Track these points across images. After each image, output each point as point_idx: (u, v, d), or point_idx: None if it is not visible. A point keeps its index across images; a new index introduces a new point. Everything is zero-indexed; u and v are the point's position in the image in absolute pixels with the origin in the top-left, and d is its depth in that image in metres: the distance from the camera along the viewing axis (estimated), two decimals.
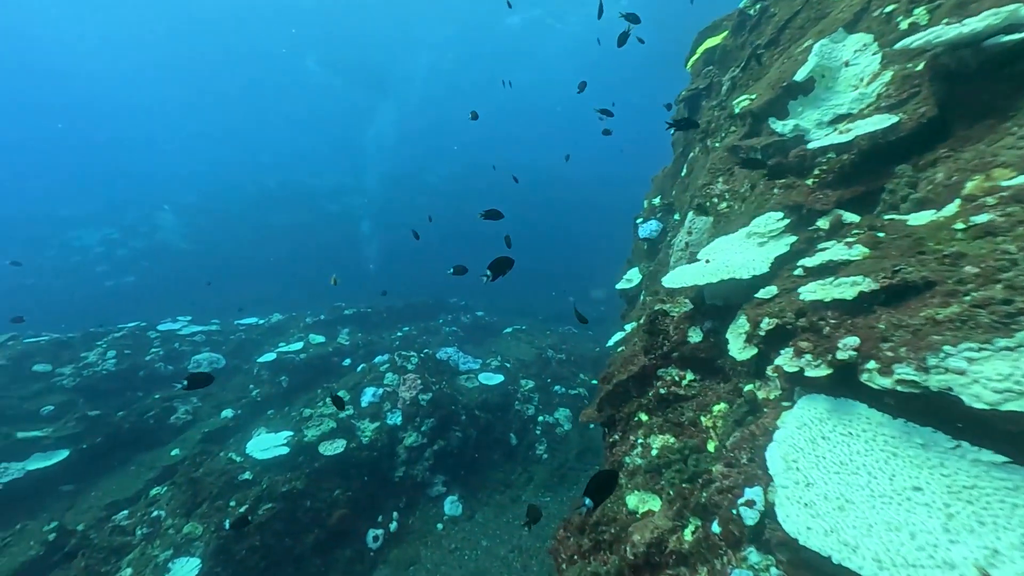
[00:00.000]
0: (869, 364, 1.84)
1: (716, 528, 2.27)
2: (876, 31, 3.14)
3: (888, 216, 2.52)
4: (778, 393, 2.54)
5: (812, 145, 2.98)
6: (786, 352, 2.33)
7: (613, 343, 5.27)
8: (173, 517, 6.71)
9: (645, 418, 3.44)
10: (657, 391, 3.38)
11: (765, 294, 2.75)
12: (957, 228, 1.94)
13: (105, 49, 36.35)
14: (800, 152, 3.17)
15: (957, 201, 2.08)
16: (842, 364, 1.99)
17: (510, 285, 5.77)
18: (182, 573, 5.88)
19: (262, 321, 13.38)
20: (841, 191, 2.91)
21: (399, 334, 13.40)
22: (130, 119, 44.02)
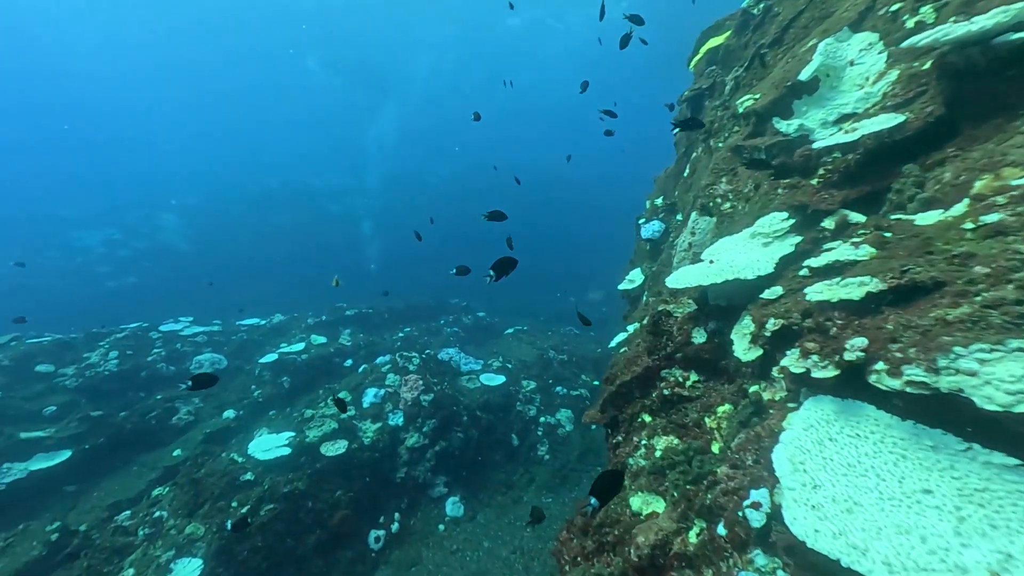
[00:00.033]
0: (878, 365, 1.82)
1: (721, 530, 2.25)
2: (881, 30, 3.12)
3: (895, 216, 2.49)
4: (784, 394, 2.52)
5: (817, 145, 2.96)
6: (792, 353, 2.31)
7: (615, 344, 5.25)
8: (175, 517, 6.71)
9: (649, 419, 3.43)
10: (661, 392, 3.36)
11: (770, 295, 2.73)
12: (966, 228, 1.92)
13: (106, 50, 36.44)
14: (805, 152, 3.15)
15: (966, 201, 2.06)
16: (849, 365, 1.97)
17: (511, 286, 5.76)
18: (184, 574, 5.88)
19: (264, 322, 13.39)
20: (846, 191, 2.89)
21: (400, 335, 13.39)
22: (131, 120, 44.12)
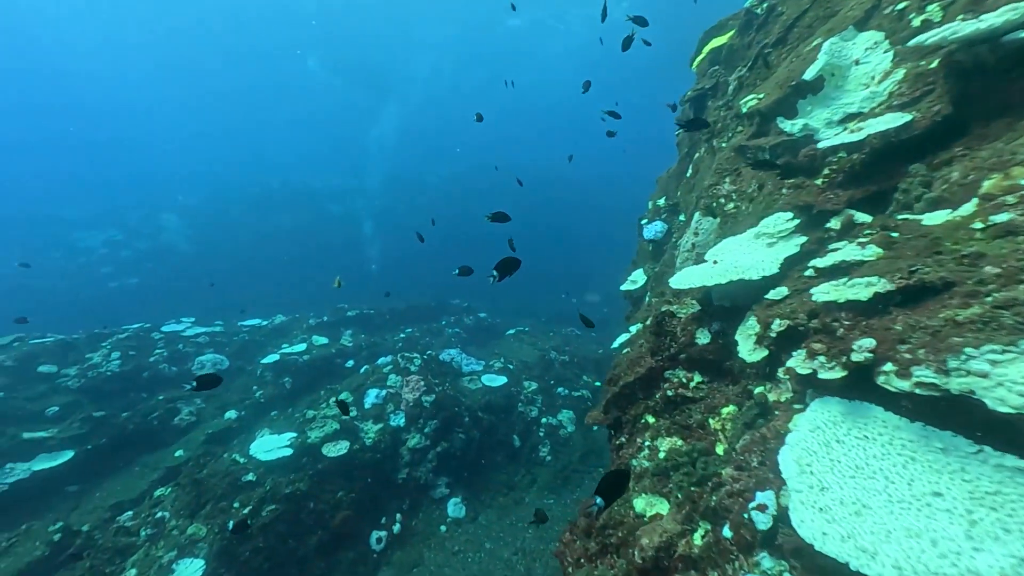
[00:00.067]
0: (886, 366, 1.80)
1: (727, 532, 2.23)
2: (887, 29, 3.10)
3: (901, 216, 2.47)
4: (789, 395, 2.50)
5: (822, 144, 2.94)
6: (798, 354, 2.29)
7: (618, 345, 5.24)
8: (177, 518, 6.71)
9: (652, 420, 3.41)
10: (664, 393, 3.35)
11: (775, 295, 2.71)
12: (975, 228, 1.90)
13: (107, 50, 36.62)
14: (810, 151, 3.13)
15: (974, 200, 2.04)
16: (857, 366, 1.95)
17: (512, 286, 5.75)
18: (186, 574, 5.88)
19: (265, 322, 13.39)
20: (852, 191, 2.87)
21: (402, 335, 13.38)
22: (132, 120, 44.33)
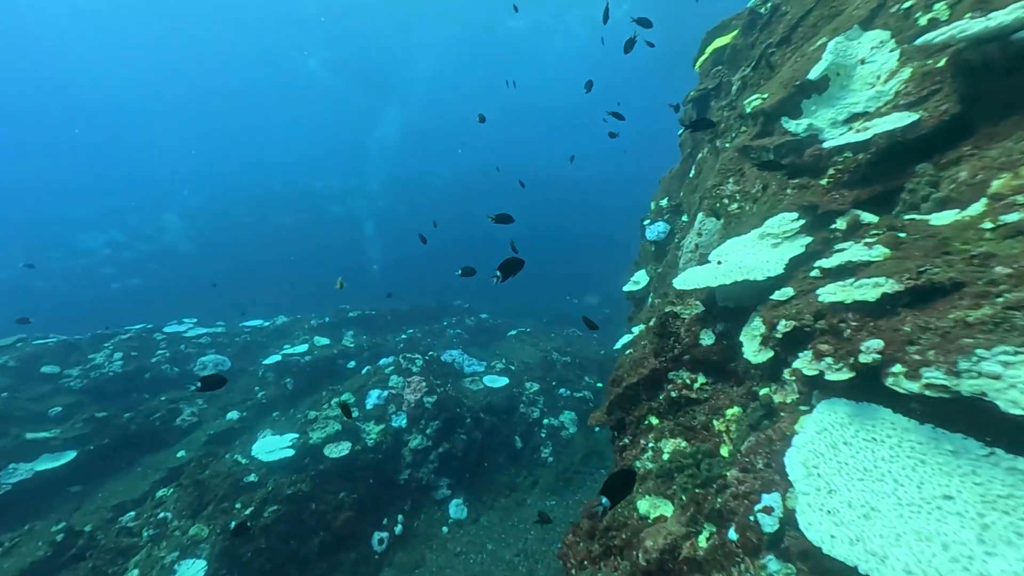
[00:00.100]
0: (895, 368, 1.78)
1: (733, 535, 2.21)
2: (893, 28, 3.08)
3: (908, 216, 2.45)
4: (795, 397, 2.48)
5: (828, 144, 2.93)
6: (805, 355, 2.28)
7: (620, 346, 5.21)
8: (179, 519, 6.71)
9: (656, 422, 3.40)
10: (668, 394, 3.33)
11: (781, 296, 2.69)
12: (985, 228, 1.88)
13: (109, 53, 36.72)
14: (815, 151, 3.11)
15: (983, 200, 2.02)
16: (865, 367, 1.94)
17: (514, 287, 5.75)
18: (188, 575, 5.87)
19: (267, 323, 13.40)
20: (858, 191, 2.85)
21: (404, 336, 13.38)
22: (134, 122, 44.45)
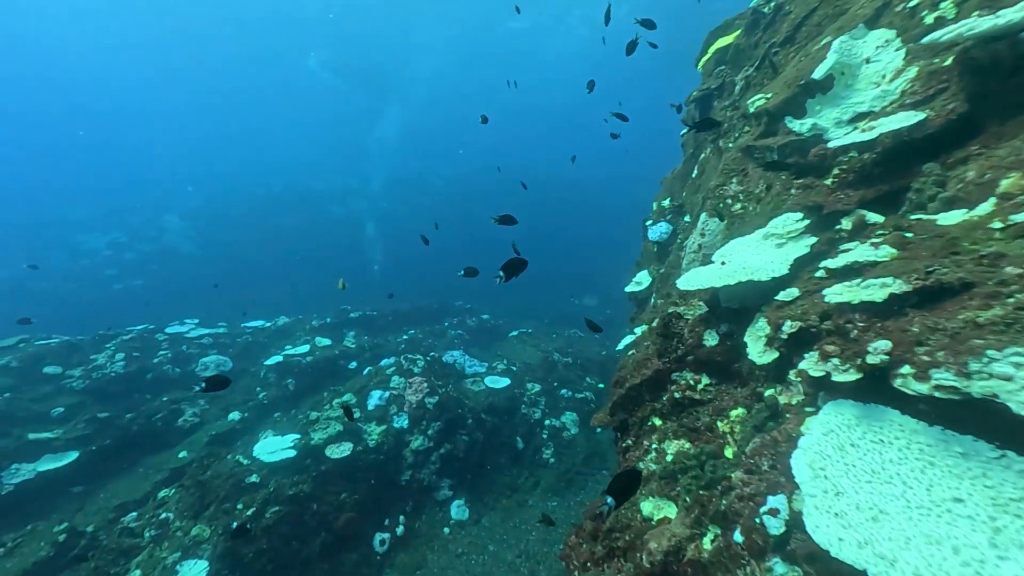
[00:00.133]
0: (903, 369, 1.76)
1: (738, 537, 2.19)
2: (899, 26, 3.06)
3: (915, 216, 2.44)
4: (801, 398, 2.47)
5: (833, 144, 2.91)
6: (811, 356, 2.26)
7: (623, 346, 5.20)
8: (181, 519, 6.71)
9: (659, 423, 3.38)
10: (672, 395, 3.32)
11: (786, 296, 2.67)
12: (994, 227, 1.86)
13: (110, 53, 36.84)
14: (820, 151, 3.10)
15: (992, 200, 2.00)
16: (872, 368, 1.92)
17: (516, 288, 5.74)
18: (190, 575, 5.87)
19: (268, 324, 13.40)
20: (863, 191, 2.83)
21: (405, 337, 13.36)
22: (135, 123, 44.60)
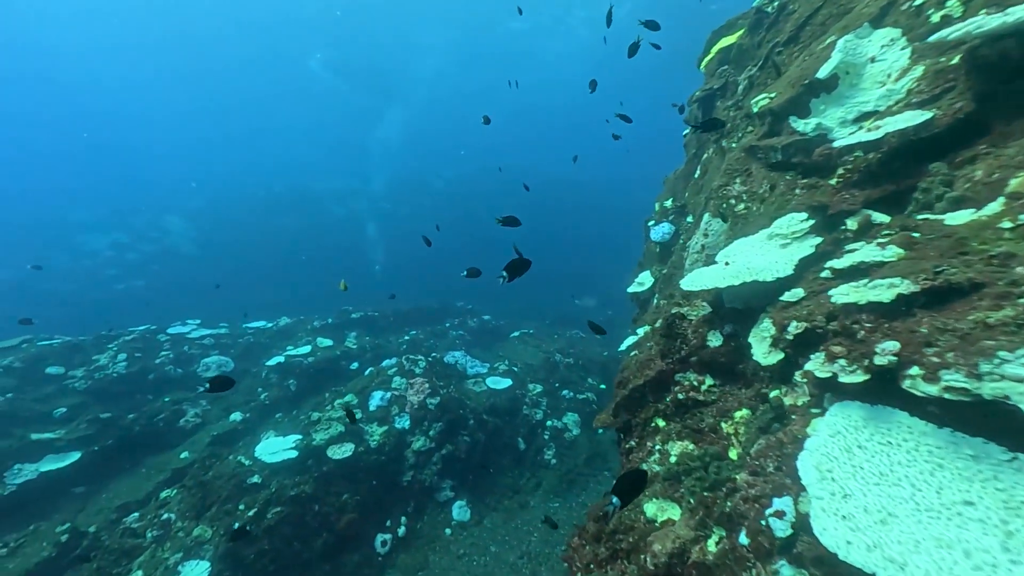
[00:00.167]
0: (912, 370, 1.74)
1: (743, 539, 2.17)
2: (904, 25, 3.04)
3: (922, 216, 2.42)
4: (806, 399, 2.44)
5: (838, 143, 2.89)
6: (817, 357, 2.24)
7: (625, 347, 5.18)
8: (183, 520, 6.71)
9: (662, 424, 3.36)
10: (675, 396, 3.30)
11: (791, 297, 2.65)
12: (1004, 227, 1.84)
13: (112, 55, 36.92)
14: (825, 151, 3.08)
15: (1001, 199, 1.98)
16: (880, 370, 1.90)
17: (517, 288, 5.73)
18: None
19: (270, 324, 13.41)
20: (869, 191, 2.81)
21: (406, 338, 13.36)
22: (136, 124, 44.67)
